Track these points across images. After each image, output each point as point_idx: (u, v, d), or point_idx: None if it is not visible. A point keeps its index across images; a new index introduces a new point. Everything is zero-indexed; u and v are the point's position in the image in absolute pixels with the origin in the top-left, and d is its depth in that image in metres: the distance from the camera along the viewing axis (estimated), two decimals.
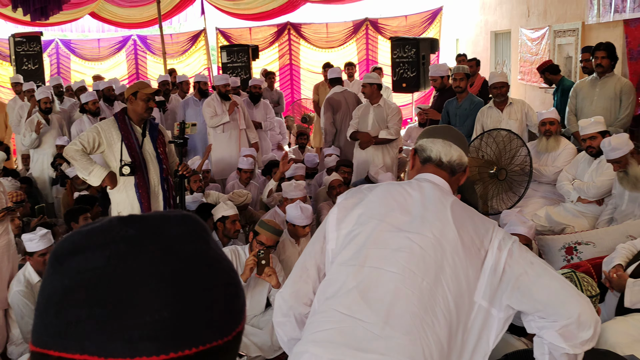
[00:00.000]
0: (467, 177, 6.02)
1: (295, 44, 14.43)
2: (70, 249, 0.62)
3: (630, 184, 4.75)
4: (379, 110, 6.95)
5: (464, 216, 1.95)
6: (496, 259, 1.87)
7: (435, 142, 2.14)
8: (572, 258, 4.53)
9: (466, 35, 13.60)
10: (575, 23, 8.17)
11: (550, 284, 1.85)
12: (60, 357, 0.59)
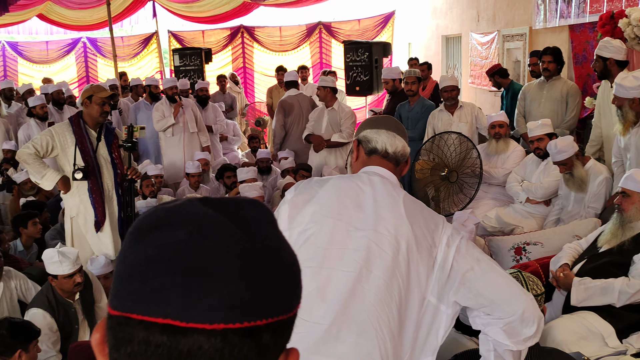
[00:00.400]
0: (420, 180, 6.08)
1: (248, 47, 14.38)
2: (155, 224, 0.68)
3: (576, 186, 4.87)
4: (333, 114, 7.03)
5: (416, 211, 1.94)
6: (444, 255, 1.88)
7: (380, 133, 2.11)
8: (521, 258, 4.62)
9: (418, 39, 13.76)
10: (523, 28, 8.35)
11: (496, 280, 1.87)
12: (143, 321, 0.64)
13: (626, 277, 3.60)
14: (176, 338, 0.63)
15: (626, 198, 3.74)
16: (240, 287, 0.65)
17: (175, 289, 0.63)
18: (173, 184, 7.60)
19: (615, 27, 5.32)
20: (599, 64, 5.13)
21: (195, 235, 0.65)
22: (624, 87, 4.44)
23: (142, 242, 0.67)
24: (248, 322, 0.65)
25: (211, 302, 0.63)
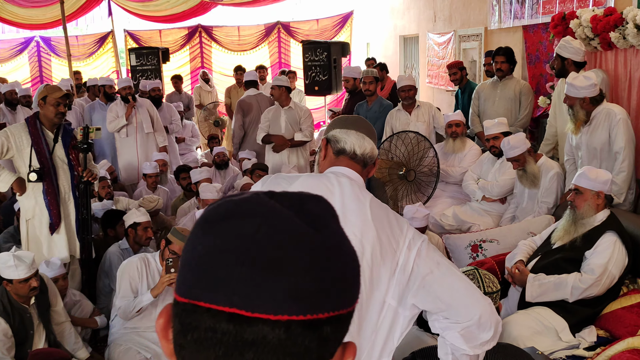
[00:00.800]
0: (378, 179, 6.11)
1: (206, 47, 14.27)
2: (223, 215, 0.70)
3: (529, 181, 4.97)
4: (291, 113, 7.02)
5: (382, 215, 1.94)
6: (405, 258, 1.88)
7: (349, 134, 2.08)
8: (478, 255, 4.69)
9: (376, 39, 13.85)
10: (478, 28, 8.47)
11: (454, 284, 1.88)
12: (210, 309, 0.66)
13: (578, 272, 3.69)
14: (242, 327, 0.65)
15: (579, 195, 3.82)
16: (305, 280, 0.66)
17: (243, 280, 0.65)
18: (130, 185, 7.50)
19: (566, 27, 5.44)
20: (557, 63, 5.20)
21: (264, 228, 0.67)
22: (574, 86, 4.54)
23: (211, 232, 0.69)
24: (311, 314, 0.66)
25: (276, 294, 0.65)
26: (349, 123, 2.13)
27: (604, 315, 3.64)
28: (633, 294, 3.65)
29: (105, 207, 5.79)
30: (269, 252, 0.66)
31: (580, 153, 4.77)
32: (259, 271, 0.65)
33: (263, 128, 7.09)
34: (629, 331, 3.38)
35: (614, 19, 4.75)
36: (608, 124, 4.54)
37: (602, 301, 3.68)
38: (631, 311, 3.50)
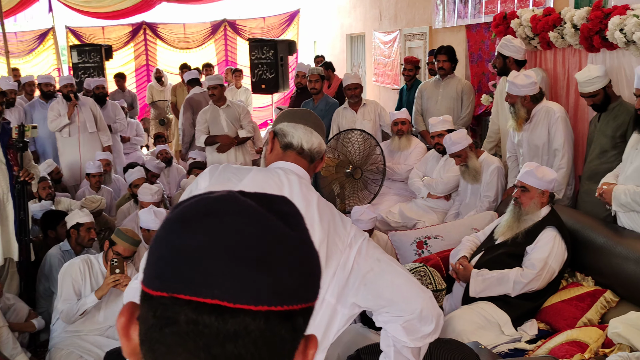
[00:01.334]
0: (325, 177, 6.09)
1: (151, 44, 14.05)
2: (203, 212, 0.72)
3: (471, 177, 5.05)
4: (230, 111, 6.94)
5: (328, 215, 1.91)
6: (346, 256, 1.87)
7: (297, 128, 2.04)
8: (423, 252, 4.74)
9: (323, 37, 13.88)
10: (423, 27, 8.56)
11: (395, 280, 1.88)
12: (191, 301, 0.67)
13: (520, 267, 3.76)
14: (224, 318, 0.67)
15: (525, 193, 3.88)
16: (282, 274, 0.70)
17: (225, 273, 0.67)
18: (72, 185, 7.32)
19: (508, 27, 5.54)
20: (499, 61, 5.30)
21: (247, 226, 0.70)
22: (516, 84, 4.63)
23: (190, 228, 0.70)
24: (288, 305, 0.70)
25: (257, 286, 0.68)
26: (298, 117, 2.09)
27: (544, 308, 3.72)
28: (572, 287, 3.75)
29: (44, 208, 5.64)
30: (251, 247, 0.69)
31: (522, 150, 4.87)
32: (242, 265, 0.68)
33: (202, 130, 6.88)
34: (568, 324, 3.47)
35: (553, 19, 4.86)
36: (547, 121, 4.65)
37: (543, 295, 3.76)
38: (570, 304, 3.59)
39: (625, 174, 3.75)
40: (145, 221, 4.72)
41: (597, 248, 3.75)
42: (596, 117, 4.34)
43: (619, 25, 4.06)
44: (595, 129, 4.32)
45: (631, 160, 3.72)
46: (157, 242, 0.73)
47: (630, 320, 2.95)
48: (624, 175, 3.76)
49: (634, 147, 3.73)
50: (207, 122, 6.89)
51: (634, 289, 3.41)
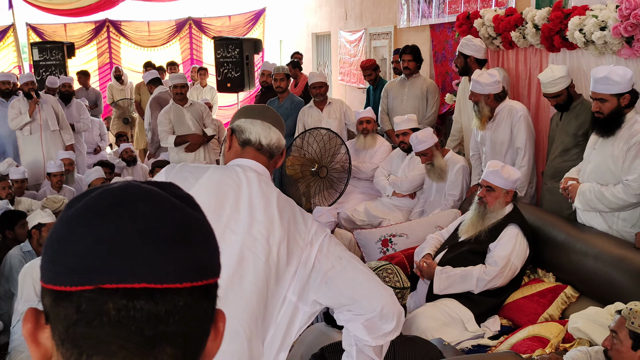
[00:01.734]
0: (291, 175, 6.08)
1: (115, 42, 13.86)
2: (112, 202, 0.72)
3: (436, 175, 5.09)
4: (194, 110, 6.89)
5: (288, 212, 1.91)
6: (307, 254, 1.86)
7: (255, 124, 2.01)
8: (388, 250, 4.76)
9: (289, 36, 13.86)
10: (388, 27, 8.61)
11: (356, 278, 1.87)
12: (119, 289, 0.68)
13: (483, 264, 3.81)
14: (154, 300, 0.69)
15: (490, 192, 3.91)
16: (197, 251, 0.73)
17: (146, 256, 0.69)
18: (34, 185, 7.19)
19: (471, 27, 5.60)
20: (460, 61, 5.37)
21: (156, 209, 0.72)
22: (479, 83, 4.69)
23: (102, 220, 0.71)
24: (206, 279, 0.74)
25: (179, 265, 0.71)
26: (255, 112, 2.06)
27: (507, 304, 3.77)
28: (534, 283, 3.80)
29: (1, 208, 5.51)
30: (166, 228, 0.71)
31: (485, 148, 4.92)
32: (160, 246, 0.70)
33: (168, 130, 6.76)
34: (530, 319, 3.52)
35: (515, 19, 4.93)
36: (510, 120, 4.72)
37: (506, 291, 3.81)
38: (532, 300, 3.64)
39: (584, 173, 3.82)
40: None
41: (557, 245, 3.81)
42: (557, 115, 4.40)
43: (578, 26, 4.14)
44: (556, 127, 4.38)
45: (589, 160, 3.80)
46: (63, 240, 0.72)
47: (589, 316, 3.01)
48: (584, 175, 3.83)
49: (592, 147, 3.80)
50: (172, 122, 6.79)
51: (593, 284, 3.47)
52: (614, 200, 3.56)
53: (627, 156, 3.52)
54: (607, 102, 3.53)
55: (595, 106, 3.61)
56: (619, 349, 2.41)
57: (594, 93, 3.59)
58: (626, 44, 3.81)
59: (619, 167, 3.56)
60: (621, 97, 3.52)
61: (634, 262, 3.20)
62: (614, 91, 3.50)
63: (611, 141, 3.61)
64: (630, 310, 2.41)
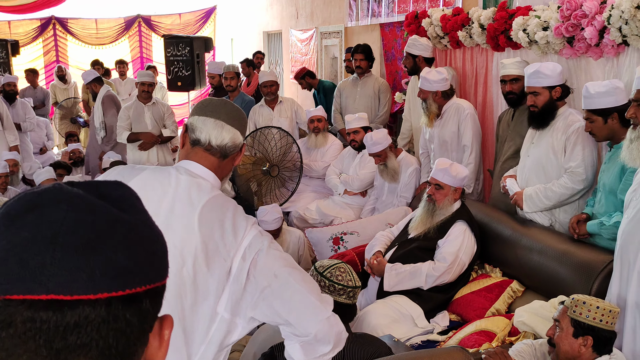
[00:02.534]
0: (242, 175, 6.02)
1: (62, 40, 13.54)
2: (27, 207, 0.69)
3: (389, 176, 5.14)
4: (155, 109, 6.87)
5: (214, 221, 1.78)
6: (239, 268, 1.75)
7: (207, 123, 1.90)
8: (339, 248, 4.78)
9: (240, 35, 13.77)
10: (338, 26, 8.64)
11: (292, 299, 1.78)
12: (25, 300, 0.65)
13: (432, 261, 3.86)
14: (62, 312, 0.65)
15: (439, 190, 3.97)
16: (119, 257, 0.69)
17: (56, 265, 0.66)
18: None
19: (419, 26, 5.67)
20: (408, 61, 5.45)
21: (71, 213, 0.68)
22: (428, 80, 4.75)
23: (14, 226, 0.68)
24: (130, 289, 0.69)
25: (93, 274, 0.67)
26: (209, 109, 1.95)
27: (455, 300, 3.83)
28: (481, 278, 3.87)
29: None
30: (79, 235, 0.68)
31: (433, 146, 4.99)
32: (72, 254, 0.66)
33: (125, 126, 6.81)
34: (477, 314, 3.59)
35: (461, 19, 5.01)
36: (457, 118, 4.79)
37: (454, 287, 3.88)
38: (479, 295, 3.71)
39: (524, 168, 3.92)
40: None
41: (504, 240, 3.89)
42: (508, 114, 4.47)
43: (522, 26, 4.23)
44: (507, 127, 4.44)
45: (528, 154, 3.91)
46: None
47: (533, 309, 3.08)
48: (523, 170, 3.93)
49: (530, 142, 3.92)
50: (130, 118, 6.82)
51: (538, 278, 3.56)
52: (563, 192, 3.67)
53: (567, 145, 3.69)
54: (540, 95, 3.73)
55: (530, 100, 3.79)
56: (561, 336, 2.48)
57: (528, 87, 3.78)
58: (567, 44, 3.92)
59: (560, 158, 3.71)
60: (553, 90, 3.72)
61: (576, 257, 3.30)
62: (545, 84, 3.70)
63: (549, 133, 3.76)
64: (573, 299, 2.50)
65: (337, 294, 2.53)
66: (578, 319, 2.44)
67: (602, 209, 3.35)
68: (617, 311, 2.44)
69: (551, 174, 3.78)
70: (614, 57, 3.68)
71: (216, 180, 1.93)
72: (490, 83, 4.98)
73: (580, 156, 3.63)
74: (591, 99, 3.28)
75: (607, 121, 3.28)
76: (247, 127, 2.04)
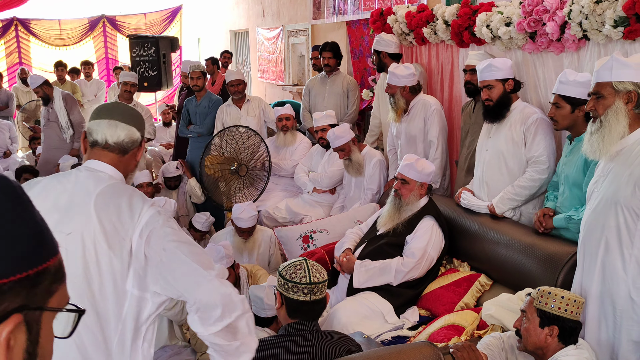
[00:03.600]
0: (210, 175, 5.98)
1: (24, 42, 13.32)
2: None
3: (354, 170, 5.15)
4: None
5: (110, 204, 1.93)
6: (138, 247, 1.90)
7: (101, 124, 2.07)
8: (309, 246, 4.78)
9: (207, 34, 13.69)
10: (305, 24, 8.63)
11: (179, 269, 1.90)
12: None
13: (401, 257, 3.87)
14: None
15: (405, 185, 3.99)
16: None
17: None
18: None
19: (385, 23, 5.69)
20: (375, 58, 5.50)
21: None
22: (396, 75, 4.77)
23: None
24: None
25: None
26: (103, 112, 2.11)
27: (425, 295, 3.85)
28: (450, 273, 3.90)
29: None
30: None
31: (400, 141, 5.02)
32: None
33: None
34: (446, 309, 3.61)
35: (426, 15, 5.03)
36: (424, 114, 4.83)
37: (423, 282, 3.90)
38: (448, 289, 3.73)
39: (482, 162, 3.96)
40: None
41: (471, 235, 3.92)
42: (469, 105, 4.52)
43: (485, 22, 4.27)
44: (469, 118, 4.49)
45: (486, 148, 3.96)
46: None
47: (501, 302, 3.11)
48: (482, 164, 3.97)
49: (486, 136, 3.98)
50: None
51: (505, 271, 3.59)
52: (531, 184, 3.72)
53: (527, 136, 3.76)
54: (494, 87, 3.83)
55: (484, 94, 3.87)
56: (527, 327, 2.51)
57: (482, 82, 3.87)
58: (530, 39, 3.96)
59: (521, 149, 3.78)
60: (506, 83, 3.82)
61: (542, 249, 3.34)
62: (498, 77, 3.81)
63: (507, 127, 3.83)
64: (539, 290, 2.53)
65: (291, 291, 2.53)
66: (544, 309, 2.47)
67: (567, 202, 3.39)
68: (582, 301, 2.48)
69: (512, 165, 3.84)
70: (575, 51, 3.73)
71: (116, 172, 2.08)
72: (456, 79, 5.02)
73: (542, 145, 3.70)
74: (567, 85, 3.31)
75: (574, 111, 3.32)
76: (143, 124, 2.18)
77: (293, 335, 2.50)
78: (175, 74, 12.07)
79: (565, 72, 3.37)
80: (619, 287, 2.69)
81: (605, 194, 2.73)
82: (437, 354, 2.45)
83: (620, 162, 2.70)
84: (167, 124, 9.66)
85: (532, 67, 4.09)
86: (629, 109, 2.67)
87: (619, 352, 2.73)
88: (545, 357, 2.48)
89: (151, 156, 8.43)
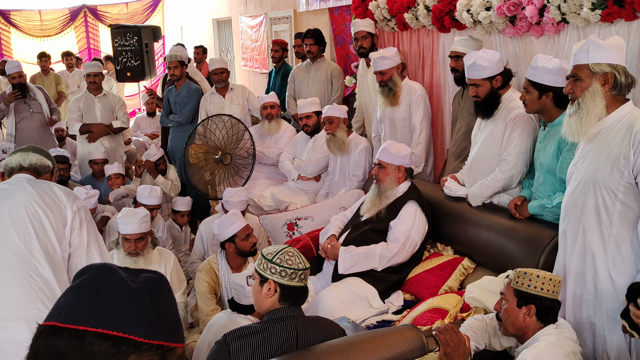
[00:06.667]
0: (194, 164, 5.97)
1: (5, 33, 13.18)
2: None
3: (337, 147, 5.16)
4: (106, 100, 6.84)
5: (42, 183, 2.74)
6: (71, 218, 2.75)
7: (14, 156, 2.86)
8: (294, 233, 4.79)
9: (190, 23, 13.60)
10: (288, 11, 8.59)
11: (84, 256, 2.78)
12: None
13: (385, 242, 3.90)
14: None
15: (382, 169, 4.03)
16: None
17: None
18: None
19: (366, 9, 5.68)
20: (356, 43, 5.50)
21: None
22: (386, 57, 4.79)
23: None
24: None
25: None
26: (16, 151, 2.97)
27: (409, 279, 3.88)
28: (433, 257, 3.93)
29: None
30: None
31: (384, 126, 5.03)
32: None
33: (76, 118, 6.79)
34: (430, 292, 3.64)
35: (407, 1, 5.03)
36: (409, 99, 4.84)
37: (408, 267, 3.92)
38: (432, 273, 3.76)
39: (473, 155, 3.97)
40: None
41: (454, 218, 3.94)
42: (459, 94, 4.52)
43: (466, 6, 4.27)
44: (458, 106, 4.48)
45: (476, 141, 3.96)
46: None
47: (483, 285, 3.14)
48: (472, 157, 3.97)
49: (478, 128, 3.97)
50: (81, 110, 6.81)
51: (488, 254, 3.62)
52: (494, 185, 3.72)
53: (505, 133, 3.70)
54: (480, 86, 3.73)
55: (471, 91, 3.79)
56: (506, 308, 2.54)
57: (468, 79, 3.78)
58: (510, 23, 3.97)
59: (501, 146, 3.73)
60: (493, 80, 3.72)
61: (523, 232, 3.37)
62: (484, 75, 3.70)
63: (492, 122, 3.78)
64: (516, 271, 2.56)
65: (289, 278, 2.53)
66: (520, 289, 2.50)
67: (542, 188, 3.40)
68: (559, 280, 2.50)
69: (493, 162, 3.78)
70: (554, 34, 3.74)
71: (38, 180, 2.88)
72: (437, 64, 5.03)
73: (512, 144, 3.64)
74: (536, 71, 3.31)
75: (541, 97, 3.32)
76: (52, 159, 3.00)
77: (277, 322, 2.51)
78: (159, 64, 11.99)
79: (537, 57, 3.33)
80: (599, 267, 2.73)
81: (584, 175, 2.76)
82: (419, 337, 2.47)
83: (599, 144, 2.72)
84: (151, 114, 9.60)
85: (515, 52, 4.10)
86: (605, 91, 2.69)
87: (600, 330, 2.77)
88: (526, 338, 2.50)
89: (135, 146, 8.39)
